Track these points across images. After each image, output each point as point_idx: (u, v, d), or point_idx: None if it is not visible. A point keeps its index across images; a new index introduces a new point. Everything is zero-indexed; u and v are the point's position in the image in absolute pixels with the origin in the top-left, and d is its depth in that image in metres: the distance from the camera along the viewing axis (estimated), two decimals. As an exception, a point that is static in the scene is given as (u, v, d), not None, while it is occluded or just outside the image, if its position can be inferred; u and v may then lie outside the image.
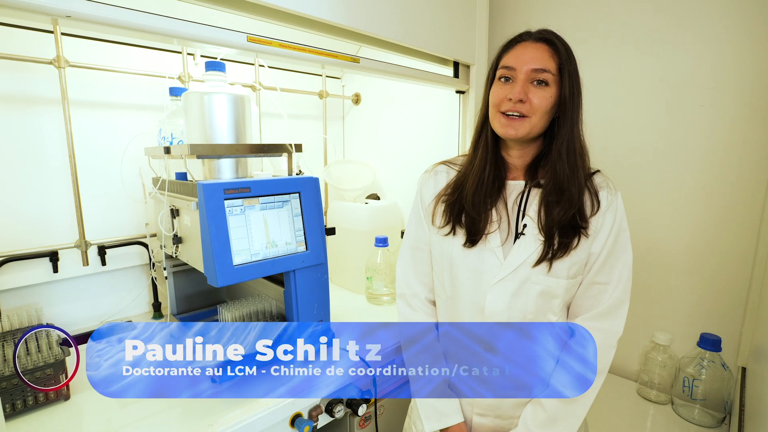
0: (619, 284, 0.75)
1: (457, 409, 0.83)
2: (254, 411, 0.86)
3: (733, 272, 1.20)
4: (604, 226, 0.75)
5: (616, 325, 0.75)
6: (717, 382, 1.12)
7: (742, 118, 1.15)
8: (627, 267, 0.76)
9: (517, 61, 0.73)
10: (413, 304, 0.89)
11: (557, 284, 0.75)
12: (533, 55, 0.72)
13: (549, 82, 0.72)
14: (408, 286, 0.90)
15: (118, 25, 0.68)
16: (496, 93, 0.75)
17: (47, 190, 1.13)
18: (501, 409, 0.82)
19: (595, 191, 0.76)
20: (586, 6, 1.35)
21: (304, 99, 1.70)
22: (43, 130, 1.11)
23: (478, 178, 0.78)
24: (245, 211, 0.93)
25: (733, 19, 1.13)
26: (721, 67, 1.16)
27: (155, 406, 0.88)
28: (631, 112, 1.32)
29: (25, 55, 1.02)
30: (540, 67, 0.71)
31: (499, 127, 0.75)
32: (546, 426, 0.75)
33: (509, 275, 0.76)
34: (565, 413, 0.75)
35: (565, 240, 0.73)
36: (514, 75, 0.73)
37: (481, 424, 0.84)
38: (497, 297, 0.76)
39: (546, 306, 0.76)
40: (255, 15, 0.87)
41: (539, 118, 0.73)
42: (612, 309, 0.75)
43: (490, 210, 0.77)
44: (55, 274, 1.13)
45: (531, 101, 0.72)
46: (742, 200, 1.17)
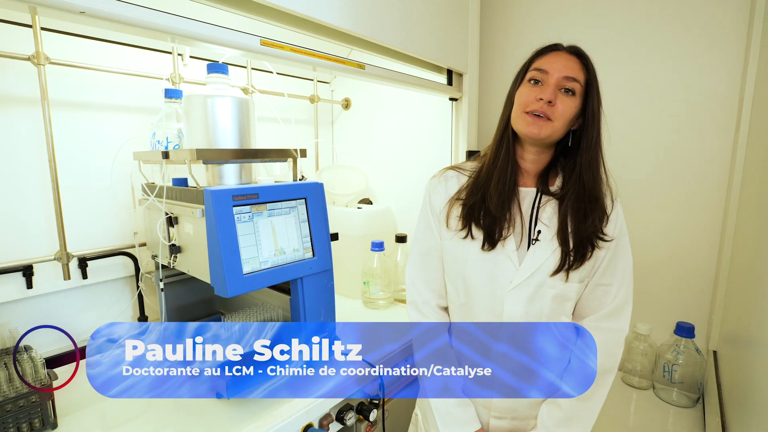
0: (622, 286, 0.79)
1: (474, 416, 0.83)
2: (269, 424, 0.83)
3: (701, 267, 1.32)
4: (608, 232, 0.79)
5: (623, 323, 0.79)
6: (692, 366, 1.23)
7: (707, 127, 1.28)
8: (628, 269, 0.80)
9: (550, 66, 0.75)
10: (424, 311, 0.88)
11: (571, 288, 0.78)
12: (566, 63, 0.75)
13: (576, 92, 0.75)
14: (418, 293, 0.89)
15: (130, 23, 0.64)
16: (525, 93, 0.77)
17: (19, 198, 1.03)
18: (517, 411, 0.82)
19: (607, 207, 0.80)
20: (570, 22, 1.45)
21: (293, 103, 1.67)
22: (17, 133, 1.01)
23: (500, 177, 0.79)
24: (253, 218, 0.90)
25: (703, 38, 1.26)
26: (691, 81, 1.29)
27: (159, 422, 0.83)
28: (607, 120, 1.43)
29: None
30: (571, 76, 0.75)
31: (523, 126, 0.76)
32: (563, 424, 0.77)
33: (525, 281, 0.77)
34: (581, 411, 0.78)
35: (582, 251, 0.76)
36: (545, 78, 0.76)
37: (498, 427, 0.84)
38: (515, 303, 0.78)
39: (560, 309, 0.79)
40: (264, 18, 0.85)
41: (561, 125, 0.75)
42: (618, 309, 0.79)
43: (510, 211, 0.79)
44: (28, 290, 1.03)
45: (557, 106, 0.74)
46: (707, 202, 1.30)
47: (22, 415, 0.76)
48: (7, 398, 0.75)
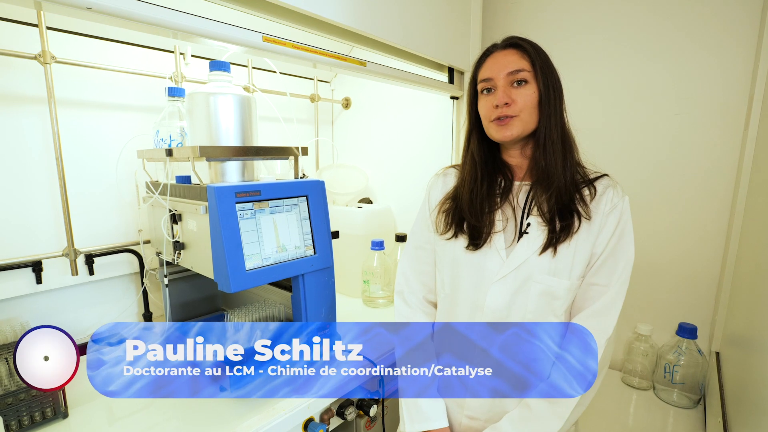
0: (614, 286, 0.75)
1: (442, 413, 0.82)
2: (270, 417, 0.84)
3: (705, 268, 1.31)
4: (607, 227, 0.75)
5: (605, 324, 0.74)
6: (693, 367, 1.23)
7: (713, 126, 1.27)
8: (626, 270, 0.76)
9: (492, 71, 0.77)
10: (410, 301, 0.89)
11: (559, 284, 0.75)
12: (505, 60, 0.76)
13: (528, 80, 0.75)
14: (407, 283, 0.90)
15: (134, 18, 0.65)
16: (484, 105, 0.79)
17: (28, 195, 1.05)
18: (492, 411, 0.80)
19: (593, 184, 0.78)
20: (574, 18, 1.43)
21: (294, 102, 1.68)
22: (24, 131, 1.03)
23: (471, 187, 0.81)
24: (255, 215, 0.91)
25: (712, 32, 1.24)
26: (696, 78, 1.27)
27: (162, 415, 0.85)
28: (611, 119, 1.42)
29: (6, 48, 0.94)
30: (515, 69, 0.75)
31: (495, 134, 0.78)
32: (523, 423, 0.75)
33: (511, 273, 0.76)
34: (546, 413, 0.74)
35: (564, 223, 0.74)
36: (493, 84, 0.77)
37: (470, 427, 0.82)
38: (498, 294, 0.77)
39: (547, 307, 0.76)
40: (267, 15, 0.86)
41: (529, 115, 0.76)
42: (604, 308, 0.75)
43: (493, 213, 0.79)
44: (38, 285, 1.05)
45: (515, 101, 0.75)
46: (713, 202, 1.28)
47: (34, 404, 0.79)
48: (20, 388, 0.77)
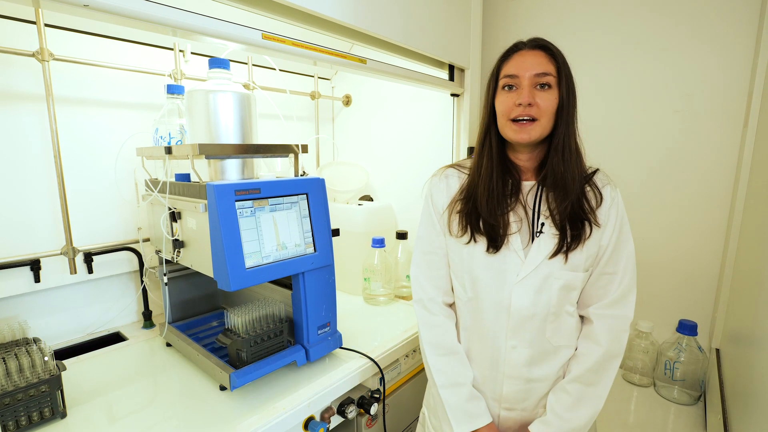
0: (626, 274, 0.80)
1: (485, 409, 0.84)
2: (270, 416, 0.84)
3: (705, 265, 1.31)
4: (610, 220, 0.80)
5: (628, 310, 0.80)
6: (693, 363, 1.23)
7: (713, 123, 1.26)
8: (631, 257, 0.81)
9: (519, 69, 0.77)
10: (431, 308, 0.89)
11: (576, 277, 0.79)
12: (533, 61, 0.76)
13: (552, 84, 0.76)
14: (423, 290, 0.90)
15: (133, 16, 0.64)
16: (504, 101, 0.78)
17: (26, 193, 1.05)
18: (527, 401, 0.83)
19: (596, 186, 0.81)
20: (574, 14, 1.43)
21: (294, 100, 1.68)
22: (23, 129, 1.03)
23: (488, 184, 0.80)
24: (255, 213, 0.91)
25: (712, 29, 1.24)
26: (696, 76, 1.27)
27: (162, 415, 0.84)
28: (611, 116, 1.42)
29: (4, 46, 0.94)
30: (542, 71, 0.75)
31: (512, 134, 0.78)
32: (572, 409, 0.78)
33: (531, 272, 0.78)
34: (589, 395, 0.79)
35: (575, 232, 0.77)
36: (518, 82, 0.77)
37: (508, 418, 0.85)
38: (523, 294, 0.79)
39: (566, 298, 0.80)
40: (266, 12, 0.85)
41: (547, 120, 0.77)
42: (622, 296, 0.80)
43: (507, 213, 0.80)
44: (36, 284, 1.05)
45: (538, 104, 0.75)
46: (713, 199, 1.28)
47: (32, 404, 0.78)
48: (18, 388, 0.77)
